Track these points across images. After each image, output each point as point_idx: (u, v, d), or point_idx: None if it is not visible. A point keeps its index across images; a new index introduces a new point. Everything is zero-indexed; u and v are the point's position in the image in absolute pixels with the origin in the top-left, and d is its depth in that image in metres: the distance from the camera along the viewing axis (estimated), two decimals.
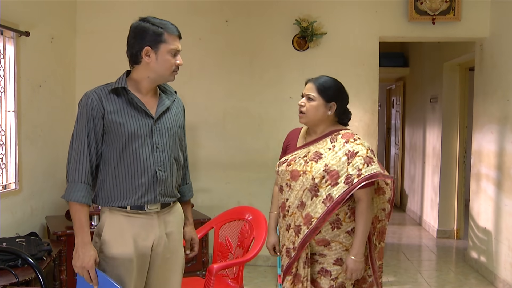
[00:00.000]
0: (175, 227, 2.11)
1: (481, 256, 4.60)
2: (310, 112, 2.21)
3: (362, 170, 2.09)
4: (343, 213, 2.17)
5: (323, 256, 2.21)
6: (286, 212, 2.24)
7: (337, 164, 2.12)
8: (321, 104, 2.21)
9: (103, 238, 1.96)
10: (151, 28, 1.94)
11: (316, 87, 2.21)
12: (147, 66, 1.97)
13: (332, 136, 2.23)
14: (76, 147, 1.93)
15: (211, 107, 4.63)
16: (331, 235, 2.17)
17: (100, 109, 1.93)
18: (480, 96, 4.69)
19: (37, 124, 3.73)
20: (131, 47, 1.98)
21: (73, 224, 1.94)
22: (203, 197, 4.61)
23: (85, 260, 1.87)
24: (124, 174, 1.96)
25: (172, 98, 2.14)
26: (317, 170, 2.13)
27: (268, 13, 4.56)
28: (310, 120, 2.24)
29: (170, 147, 2.05)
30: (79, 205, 1.91)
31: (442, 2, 4.42)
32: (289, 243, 2.22)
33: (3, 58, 3.35)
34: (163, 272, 2.08)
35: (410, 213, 7.26)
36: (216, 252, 3.05)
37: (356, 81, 4.55)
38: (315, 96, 2.20)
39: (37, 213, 3.77)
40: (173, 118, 2.10)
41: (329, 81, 2.24)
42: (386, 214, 2.32)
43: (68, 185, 1.93)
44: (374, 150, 4.57)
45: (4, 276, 2.54)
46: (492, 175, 4.41)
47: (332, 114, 2.24)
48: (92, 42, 4.49)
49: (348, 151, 2.14)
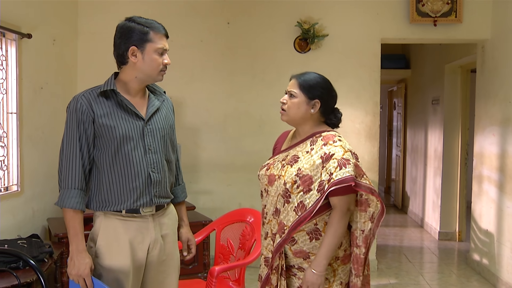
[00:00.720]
0: (170, 229, 2.11)
1: (483, 259, 4.59)
2: (291, 109, 2.04)
3: (333, 174, 1.88)
4: (322, 222, 1.97)
5: (302, 270, 2.00)
6: (264, 219, 2.11)
7: (310, 169, 1.94)
8: (303, 101, 2.02)
9: (99, 244, 1.95)
10: (137, 28, 1.91)
11: (298, 83, 2.04)
12: (134, 66, 1.93)
13: (313, 138, 2.04)
14: (68, 153, 1.91)
15: (212, 109, 4.63)
16: (309, 246, 1.98)
17: (90, 113, 1.90)
18: (482, 98, 4.68)
19: (39, 126, 3.73)
20: (117, 47, 1.95)
21: (67, 231, 1.91)
22: (204, 199, 4.61)
23: (81, 268, 1.86)
24: (118, 177, 1.94)
25: (161, 99, 2.11)
26: (289, 175, 1.97)
27: (269, 15, 4.56)
28: (291, 118, 2.06)
29: (162, 148, 2.04)
30: (73, 211, 1.89)
31: (444, 4, 4.42)
32: (267, 252, 2.08)
33: (5, 60, 3.35)
34: (159, 274, 2.07)
35: (412, 215, 7.24)
36: (218, 254, 3.05)
37: (358, 83, 4.55)
38: (296, 93, 2.03)
39: (39, 215, 3.77)
40: (163, 119, 2.08)
41: (314, 77, 2.05)
42: (363, 238, 2.00)
43: (61, 191, 1.91)
44: (374, 152, 4.62)
45: (6, 278, 2.54)
46: (494, 177, 4.40)
47: (316, 113, 2.04)
48: (94, 44, 4.50)
49: (324, 153, 1.94)
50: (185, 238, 2.24)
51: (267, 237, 2.09)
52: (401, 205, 7.90)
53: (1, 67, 3.31)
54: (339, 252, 2.01)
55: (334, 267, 2.01)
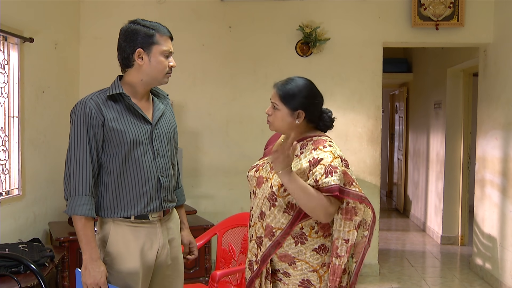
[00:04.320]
0: (175, 233, 2.11)
1: (486, 263, 4.57)
2: (276, 121, 1.97)
3: (319, 181, 1.82)
4: (308, 227, 1.91)
5: (287, 276, 1.95)
6: (250, 222, 2.05)
7: (297, 172, 1.87)
8: (286, 113, 1.94)
9: (108, 251, 1.92)
10: (142, 30, 1.89)
11: (279, 96, 1.94)
12: (140, 69, 1.91)
13: (303, 142, 1.97)
14: (77, 159, 1.85)
15: (214, 113, 4.63)
16: (294, 250, 1.92)
17: (99, 117, 1.86)
18: (484, 102, 4.67)
19: (41, 130, 3.73)
20: (122, 50, 1.92)
21: (78, 239, 1.85)
22: (206, 203, 4.60)
23: (97, 277, 1.82)
24: (128, 183, 1.91)
25: (166, 102, 2.10)
26: (276, 178, 1.90)
27: (271, 18, 4.56)
28: (278, 129, 2.00)
29: (168, 152, 2.03)
30: (86, 219, 1.83)
31: (446, 8, 4.41)
32: (252, 256, 2.02)
33: (7, 64, 3.36)
34: (165, 279, 2.06)
35: (414, 219, 7.22)
36: (219, 259, 3.04)
37: (360, 87, 4.55)
38: (278, 105, 1.94)
39: (40, 219, 3.76)
40: (168, 123, 2.07)
41: (295, 86, 1.94)
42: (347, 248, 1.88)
43: (71, 198, 1.85)
44: (376, 156, 4.60)
45: (7, 282, 2.53)
46: (496, 181, 4.39)
47: (303, 122, 1.97)
48: (96, 48, 4.51)
49: (313, 158, 1.88)
50: (187, 241, 2.24)
51: (251, 240, 2.05)
52: (403, 209, 7.88)
53: (3, 71, 3.31)
54: (326, 258, 1.95)
55: (320, 273, 1.95)
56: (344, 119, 4.53)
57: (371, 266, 4.64)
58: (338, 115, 4.99)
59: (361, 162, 4.59)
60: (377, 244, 4.66)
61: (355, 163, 4.58)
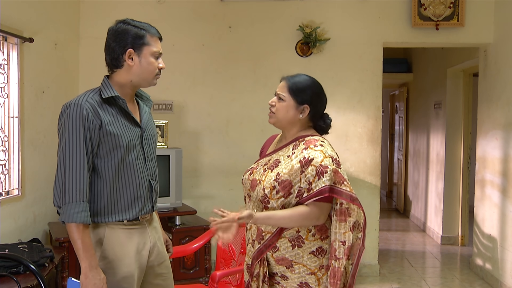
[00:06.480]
0: (159, 232, 2.12)
1: (486, 263, 4.56)
2: (280, 113, 1.98)
3: (312, 184, 1.84)
4: (305, 230, 1.91)
5: (285, 279, 1.95)
6: (247, 225, 2.05)
7: (289, 173, 1.88)
8: (292, 105, 1.96)
9: (103, 256, 1.87)
10: (133, 30, 1.86)
11: (288, 87, 1.97)
12: (130, 69, 1.87)
13: (295, 142, 1.98)
14: (74, 164, 1.77)
15: (214, 114, 4.63)
16: (291, 254, 1.92)
17: (96, 120, 1.80)
18: (484, 102, 4.67)
19: (40, 130, 3.73)
20: (111, 50, 1.87)
21: (75, 247, 1.77)
22: (206, 203, 4.59)
23: (99, 285, 1.78)
24: (123, 187, 1.88)
25: (149, 104, 2.08)
26: (269, 180, 1.91)
27: (271, 19, 4.56)
28: (279, 121, 2.00)
29: (155, 156, 2.05)
30: (83, 226, 1.77)
31: (446, 8, 4.41)
32: (249, 259, 2.03)
33: (7, 64, 3.35)
34: (158, 277, 2.06)
35: (414, 219, 7.22)
36: (219, 259, 3.03)
37: (360, 87, 4.54)
38: (285, 97, 1.96)
39: (40, 219, 3.76)
40: (152, 125, 2.06)
41: (305, 81, 1.98)
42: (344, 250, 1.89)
43: (66, 206, 1.76)
44: (376, 156, 4.60)
45: (6, 283, 2.53)
46: (497, 181, 4.38)
47: (305, 118, 1.99)
48: (96, 48, 4.46)
49: (304, 157, 1.88)
50: (164, 239, 2.21)
51: (248, 243, 2.06)
52: (403, 209, 7.87)
53: (2, 71, 3.31)
54: (323, 260, 1.95)
55: (319, 276, 1.95)
56: (344, 119, 4.53)
57: (371, 267, 4.63)
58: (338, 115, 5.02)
59: (361, 162, 4.58)
60: (377, 244, 4.66)
61: (355, 163, 4.57)
